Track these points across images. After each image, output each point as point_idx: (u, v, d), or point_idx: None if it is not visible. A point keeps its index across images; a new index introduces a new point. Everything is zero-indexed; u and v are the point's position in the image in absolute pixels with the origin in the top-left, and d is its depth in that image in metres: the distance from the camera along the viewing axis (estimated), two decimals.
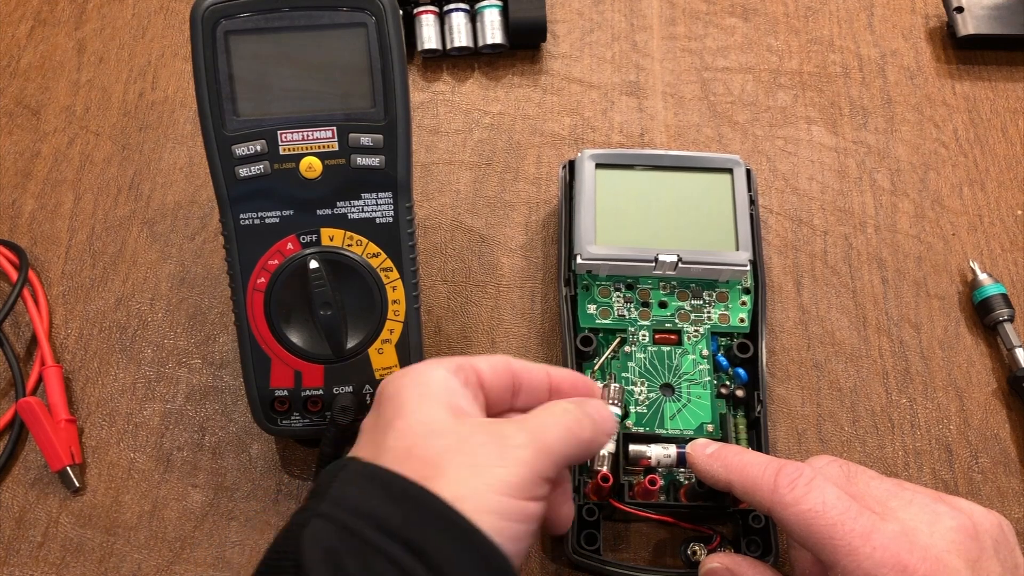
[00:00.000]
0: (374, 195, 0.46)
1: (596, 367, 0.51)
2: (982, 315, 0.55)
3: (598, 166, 0.55)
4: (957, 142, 0.61)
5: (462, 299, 0.56)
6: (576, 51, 0.65)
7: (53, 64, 0.64)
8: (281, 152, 0.44)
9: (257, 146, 0.44)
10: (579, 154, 0.55)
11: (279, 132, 0.44)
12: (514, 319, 0.55)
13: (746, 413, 0.51)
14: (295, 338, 0.46)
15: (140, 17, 0.66)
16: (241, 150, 0.44)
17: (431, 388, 0.37)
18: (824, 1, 0.67)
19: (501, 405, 0.40)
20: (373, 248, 0.46)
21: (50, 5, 0.67)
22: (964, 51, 0.65)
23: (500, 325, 0.55)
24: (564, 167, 0.57)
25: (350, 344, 0.46)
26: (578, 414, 0.38)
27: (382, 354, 0.47)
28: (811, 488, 0.39)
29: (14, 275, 0.55)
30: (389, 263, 0.46)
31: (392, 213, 0.46)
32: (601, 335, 0.52)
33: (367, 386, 0.47)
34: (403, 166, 0.45)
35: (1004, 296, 0.54)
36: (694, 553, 0.47)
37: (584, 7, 0.67)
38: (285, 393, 0.47)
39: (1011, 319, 0.54)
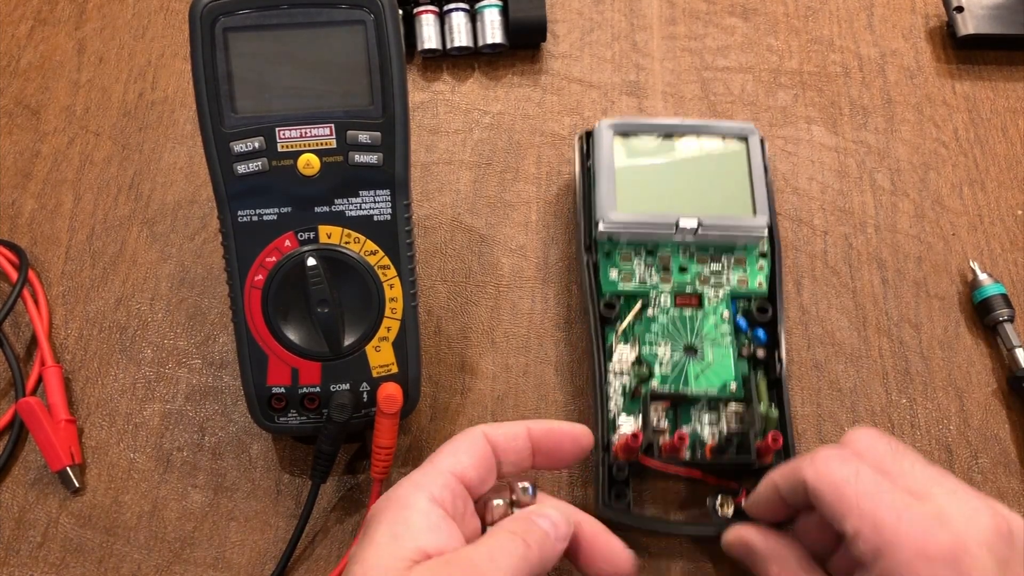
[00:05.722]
0: (372, 193, 0.46)
1: (620, 330, 0.52)
2: (982, 315, 0.55)
3: (616, 134, 0.56)
4: (957, 142, 0.61)
5: (462, 299, 0.56)
6: (576, 51, 0.65)
7: (53, 64, 0.65)
8: (279, 149, 0.44)
9: (255, 143, 0.44)
10: (597, 124, 0.56)
11: (277, 129, 0.44)
12: (514, 319, 0.55)
13: (767, 373, 0.52)
14: (292, 335, 0.46)
15: (140, 17, 0.66)
16: (239, 147, 0.44)
17: (405, 528, 0.38)
18: (824, 1, 0.67)
19: (488, 482, 0.42)
20: (371, 246, 0.46)
21: (50, 5, 0.67)
22: (964, 51, 0.65)
23: (500, 325, 0.55)
24: (580, 137, 0.57)
25: (347, 342, 0.46)
26: (522, 551, 0.39)
27: (379, 352, 0.47)
28: (846, 461, 0.39)
29: (14, 275, 0.55)
30: (387, 261, 0.46)
31: (390, 211, 0.46)
32: (623, 300, 0.53)
33: (364, 383, 0.47)
34: (401, 164, 0.45)
35: (1004, 296, 0.54)
36: (721, 505, 0.48)
37: (584, 7, 0.67)
38: (282, 390, 0.47)
39: (1011, 319, 0.54)
